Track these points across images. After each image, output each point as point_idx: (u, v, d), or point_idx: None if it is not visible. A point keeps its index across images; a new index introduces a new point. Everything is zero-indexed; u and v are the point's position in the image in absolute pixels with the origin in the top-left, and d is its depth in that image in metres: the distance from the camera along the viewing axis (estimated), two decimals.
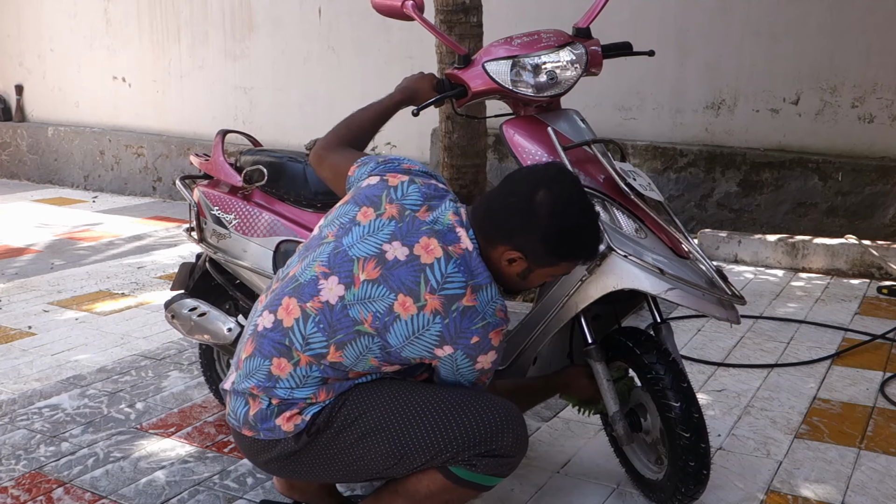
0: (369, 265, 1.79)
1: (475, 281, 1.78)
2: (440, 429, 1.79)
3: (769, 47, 5.22)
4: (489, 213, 1.84)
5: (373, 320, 1.77)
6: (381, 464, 1.83)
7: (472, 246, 1.81)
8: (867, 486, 2.45)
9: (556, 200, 1.78)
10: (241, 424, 1.86)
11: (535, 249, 1.81)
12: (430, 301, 1.74)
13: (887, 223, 4.89)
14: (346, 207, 1.92)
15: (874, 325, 3.83)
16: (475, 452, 1.80)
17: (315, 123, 6.83)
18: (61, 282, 4.99)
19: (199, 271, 2.89)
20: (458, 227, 1.82)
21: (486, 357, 1.81)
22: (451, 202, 1.88)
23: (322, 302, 1.80)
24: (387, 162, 2.00)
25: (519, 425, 1.85)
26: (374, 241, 1.82)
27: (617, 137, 5.23)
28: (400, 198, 1.87)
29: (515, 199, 1.81)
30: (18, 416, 3.06)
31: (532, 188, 1.80)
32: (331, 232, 1.90)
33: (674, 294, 1.99)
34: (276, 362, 1.82)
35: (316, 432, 1.82)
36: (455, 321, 1.75)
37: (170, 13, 7.86)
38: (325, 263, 1.84)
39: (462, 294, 1.76)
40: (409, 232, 1.81)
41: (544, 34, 2.29)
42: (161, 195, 8.09)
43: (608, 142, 2.28)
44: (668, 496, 2.23)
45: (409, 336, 1.76)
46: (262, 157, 2.70)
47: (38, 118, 9.33)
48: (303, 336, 1.80)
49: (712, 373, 3.32)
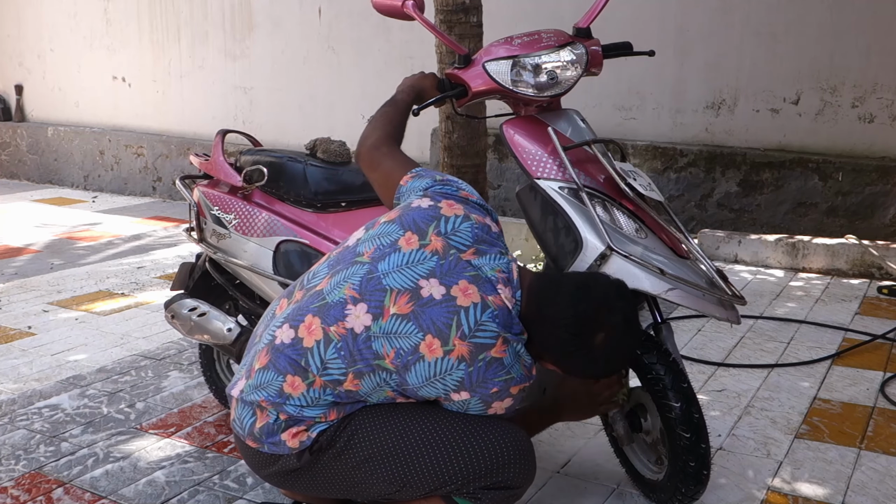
0: (402, 299, 1.72)
1: (507, 334, 1.73)
2: (445, 459, 1.75)
3: (769, 47, 5.22)
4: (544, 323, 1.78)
5: (395, 357, 1.71)
6: (382, 489, 1.80)
7: (512, 305, 1.76)
8: (867, 487, 2.45)
9: (615, 348, 1.79)
10: (246, 435, 1.82)
11: (574, 369, 1.85)
12: (459, 346, 1.68)
13: (887, 223, 4.89)
14: (389, 227, 1.84)
15: (874, 325, 3.83)
16: (480, 485, 1.76)
17: (315, 123, 6.84)
18: (61, 282, 4.99)
19: (199, 271, 2.89)
20: (500, 283, 1.76)
21: (500, 404, 1.76)
22: (500, 255, 1.81)
23: (347, 329, 1.73)
24: (445, 183, 1.92)
25: (526, 456, 1.80)
26: (411, 274, 1.74)
27: (617, 137, 5.24)
28: (449, 232, 1.79)
29: (571, 335, 1.76)
30: (18, 416, 3.06)
31: (595, 325, 1.76)
32: (367, 251, 1.82)
33: (674, 294, 1.99)
34: (290, 380, 1.76)
35: (319, 451, 1.78)
36: (480, 370, 1.69)
37: (170, 13, 7.86)
38: (356, 287, 1.76)
39: (492, 345, 1.70)
40: (451, 271, 1.74)
41: (544, 34, 2.29)
42: (161, 195, 8.09)
43: (608, 142, 2.28)
44: (668, 496, 2.23)
45: (429, 378, 1.71)
46: (261, 157, 2.70)
47: (38, 118, 9.33)
48: (321, 360, 1.74)
49: (712, 373, 3.32)
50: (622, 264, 2.02)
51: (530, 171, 2.17)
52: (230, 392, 1.88)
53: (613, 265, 2.03)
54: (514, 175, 5.84)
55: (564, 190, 2.12)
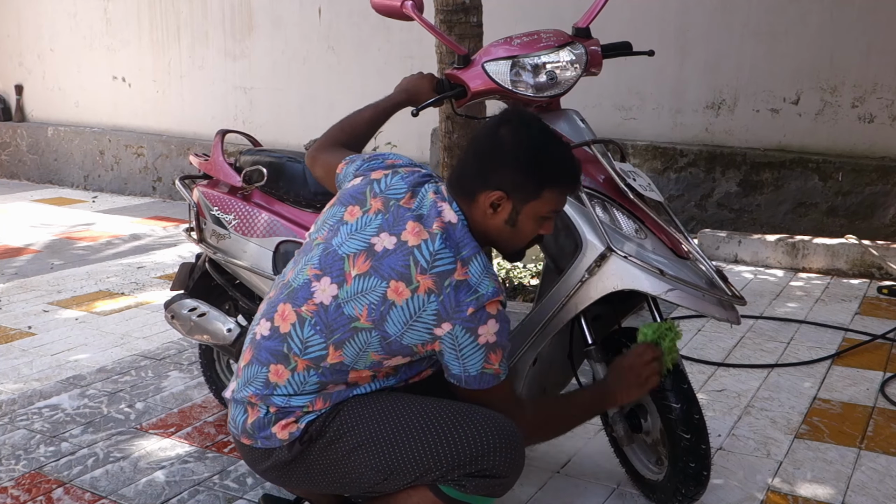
0: (359, 260, 1.78)
1: (463, 254, 1.76)
2: (430, 446, 1.75)
3: (769, 47, 5.22)
4: (461, 169, 1.86)
5: (368, 313, 1.75)
6: (371, 478, 1.80)
7: (455, 218, 1.80)
8: (867, 487, 2.45)
9: (519, 128, 1.81)
10: (240, 433, 1.86)
11: (514, 181, 1.78)
12: (423, 281, 1.73)
13: (887, 223, 4.89)
14: (333, 210, 1.92)
15: (874, 325, 3.83)
16: (464, 472, 1.75)
17: (315, 123, 6.83)
18: (61, 282, 4.99)
19: (199, 271, 2.89)
20: (439, 202, 1.82)
21: (486, 328, 1.74)
22: (430, 183, 1.88)
23: (316, 304, 1.79)
24: (372, 159, 2.00)
25: (513, 445, 1.78)
26: (362, 237, 1.81)
27: (617, 137, 5.23)
28: (384, 189, 1.87)
29: (479, 144, 1.85)
30: (18, 416, 3.06)
31: (493, 129, 1.83)
32: (320, 235, 1.89)
33: (674, 295, 1.99)
34: (274, 369, 1.81)
35: (308, 441, 1.81)
36: (449, 297, 1.72)
37: (170, 13, 7.86)
38: (316, 266, 1.83)
39: (453, 269, 1.74)
40: (395, 221, 1.80)
41: (544, 34, 2.29)
42: (161, 195, 8.09)
43: (608, 142, 2.28)
44: (668, 497, 2.23)
45: (406, 321, 1.74)
46: (261, 158, 2.70)
47: (38, 118, 9.33)
48: (301, 340, 1.79)
49: (712, 373, 3.32)
50: (622, 265, 2.02)
51: None
52: (225, 395, 1.93)
53: (613, 265, 2.03)
54: None
55: None
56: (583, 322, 2.17)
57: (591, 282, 2.07)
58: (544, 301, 2.21)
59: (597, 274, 2.06)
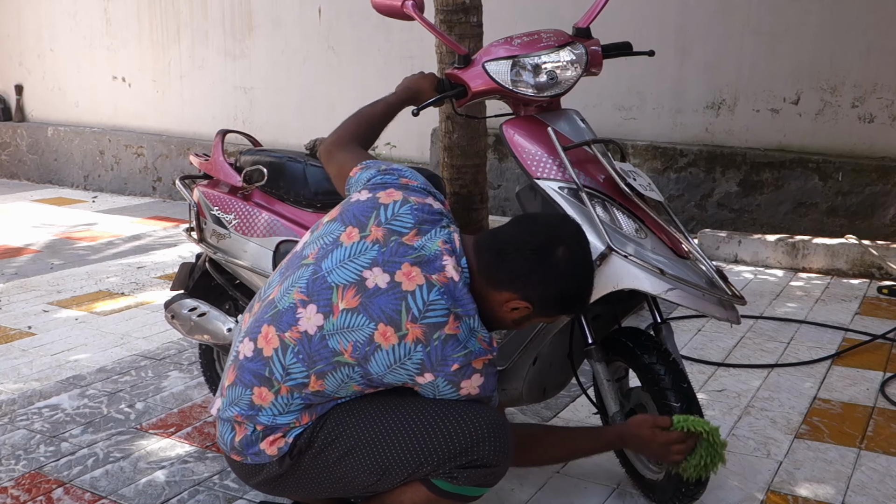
0: (349, 293, 1.74)
1: (458, 311, 1.73)
2: (419, 442, 1.76)
3: (769, 47, 5.22)
4: (501, 257, 1.78)
5: (353, 350, 1.72)
6: (364, 480, 1.81)
7: (458, 276, 1.75)
8: (867, 487, 2.45)
9: (576, 259, 1.79)
10: (229, 450, 1.86)
11: (545, 303, 1.80)
12: (412, 330, 1.70)
13: (887, 223, 4.89)
14: (331, 226, 1.87)
15: (874, 325, 3.83)
16: (456, 464, 1.76)
17: (315, 123, 6.84)
18: (61, 282, 4.99)
19: (199, 271, 2.89)
20: (445, 255, 1.77)
21: (469, 382, 1.75)
22: (442, 228, 1.82)
23: (300, 332, 1.75)
24: (387, 172, 1.94)
25: (500, 433, 1.79)
26: (354, 267, 1.76)
27: (617, 137, 5.24)
28: (389, 219, 1.81)
29: (533, 250, 1.77)
30: (18, 416, 3.06)
31: (552, 242, 1.78)
32: (312, 252, 1.84)
33: (674, 294, 1.99)
34: (258, 391, 1.79)
35: (298, 454, 1.81)
36: (436, 349, 1.70)
37: (170, 13, 7.86)
38: (303, 290, 1.78)
39: (444, 322, 1.71)
40: (392, 258, 1.75)
41: (544, 34, 2.29)
42: (161, 195, 8.09)
43: (608, 142, 2.27)
44: (668, 496, 2.23)
45: (390, 365, 1.72)
46: (261, 157, 2.70)
47: (38, 118, 9.33)
48: (283, 366, 1.77)
49: (712, 373, 3.32)
50: (622, 264, 2.01)
51: (530, 171, 2.17)
52: (210, 411, 1.92)
53: (613, 265, 2.03)
54: (514, 175, 5.84)
55: (564, 190, 2.11)
56: (583, 321, 2.17)
57: None
58: None
59: (597, 273, 2.05)
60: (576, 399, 3.05)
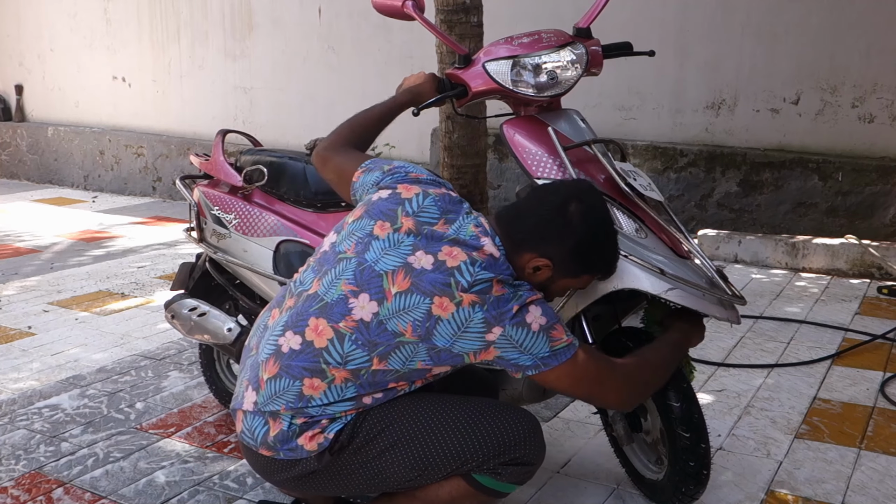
0: (398, 277, 1.77)
1: (500, 277, 1.79)
2: (465, 439, 1.79)
3: (769, 47, 5.22)
4: (519, 220, 1.87)
5: (413, 329, 1.75)
6: (403, 476, 1.82)
7: (497, 252, 1.82)
8: (867, 487, 2.45)
9: (589, 213, 1.86)
10: (259, 444, 1.82)
11: (564, 258, 1.85)
12: (465, 297, 1.74)
13: (887, 223, 4.89)
14: (361, 222, 1.89)
15: (874, 325, 3.83)
16: (501, 461, 1.81)
17: (315, 123, 6.84)
18: (61, 282, 4.99)
19: (199, 271, 2.89)
20: (482, 236, 1.83)
21: (532, 316, 1.76)
22: (467, 214, 1.88)
23: (356, 320, 1.77)
24: (393, 171, 1.98)
25: (538, 434, 1.86)
26: (398, 254, 1.80)
27: (617, 137, 5.23)
28: (416, 211, 1.86)
29: (548, 208, 1.86)
30: (18, 416, 3.06)
31: (565, 199, 1.86)
32: (348, 248, 1.86)
33: (674, 294, 1.99)
34: (309, 382, 1.78)
35: (339, 450, 1.80)
36: (492, 306, 1.75)
37: (170, 13, 7.86)
38: (351, 281, 1.80)
39: (490, 287, 1.76)
40: (429, 243, 1.81)
41: (545, 34, 2.29)
42: (161, 195, 8.09)
43: (608, 142, 2.28)
44: (668, 496, 2.23)
45: (455, 332, 1.75)
46: (262, 157, 2.70)
47: (38, 118, 9.33)
48: (341, 355, 1.77)
49: (712, 373, 3.32)
50: (622, 264, 2.01)
51: (530, 170, 2.17)
52: (238, 407, 1.87)
53: None
54: (514, 175, 5.84)
55: None
56: (583, 321, 2.17)
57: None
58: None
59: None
60: (576, 399, 3.05)
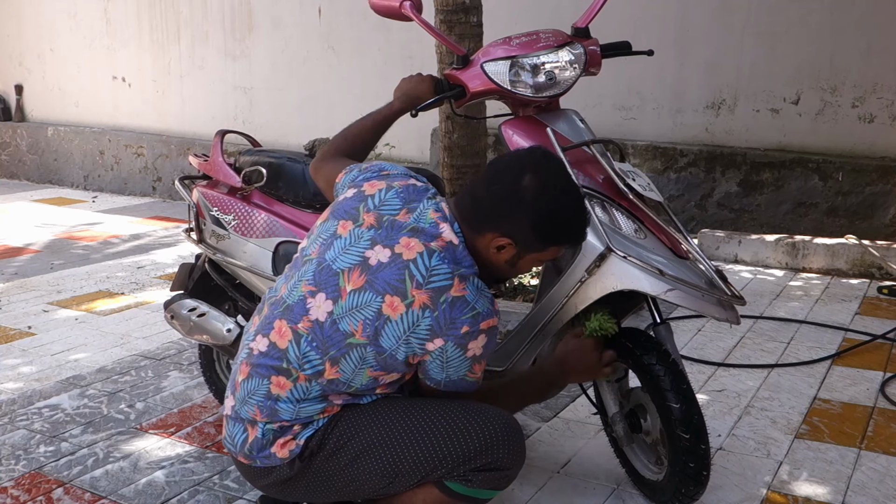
0: (354, 275, 1.77)
1: (461, 271, 1.76)
2: (433, 445, 1.77)
3: (769, 47, 5.22)
4: (474, 201, 1.82)
5: (363, 329, 1.74)
6: (375, 483, 1.81)
7: (456, 239, 1.80)
8: (867, 487, 2.45)
9: (543, 184, 1.77)
10: (238, 451, 1.85)
11: (524, 234, 1.80)
12: (418, 296, 1.72)
13: (887, 223, 4.89)
14: (326, 224, 1.91)
15: (874, 325, 3.83)
16: (470, 467, 1.77)
17: (315, 123, 6.84)
18: (61, 282, 4.99)
19: (199, 272, 2.89)
20: (440, 222, 1.81)
21: (475, 343, 1.76)
22: (429, 200, 1.86)
23: (312, 321, 1.78)
24: (367, 170, 1.98)
25: (514, 436, 1.80)
26: (356, 251, 1.80)
27: (617, 137, 5.23)
28: (377, 205, 1.85)
29: (501, 185, 1.79)
30: (18, 416, 3.06)
31: (518, 173, 1.78)
32: (314, 250, 1.88)
33: (673, 295, 1.99)
34: (275, 380, 1.80)
35: (309, 456, 1.81)
36: (444, 312, 1.72)
37: (170, 13, 7.86)
38: (311, 282, 1.82)
39: (450, 285, 1.73)
40: (389, 235, 1.79)
41: (543, 34, 2.29)
42: (161, 195, 8.09)
43: (607, 142, 2.28)
44: (668, 497, 2.23)
45: (400, 336, 1.73)
46: (261, 158, 2.69)
47: (38, 118, 9.33)
48: (297, 357, 1.78)
49: (712, 373, 3.32)
50: (621, 265, 2.02)
51: None
52: (223, 412, 1.91)
53: (612, 266, 2.03)
54: None
55: None
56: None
57: (590, 282, 2.07)
58: (544, 301, 2.21)
59: (596, 274, 2.06)
60: (576, 399, 3.05)
